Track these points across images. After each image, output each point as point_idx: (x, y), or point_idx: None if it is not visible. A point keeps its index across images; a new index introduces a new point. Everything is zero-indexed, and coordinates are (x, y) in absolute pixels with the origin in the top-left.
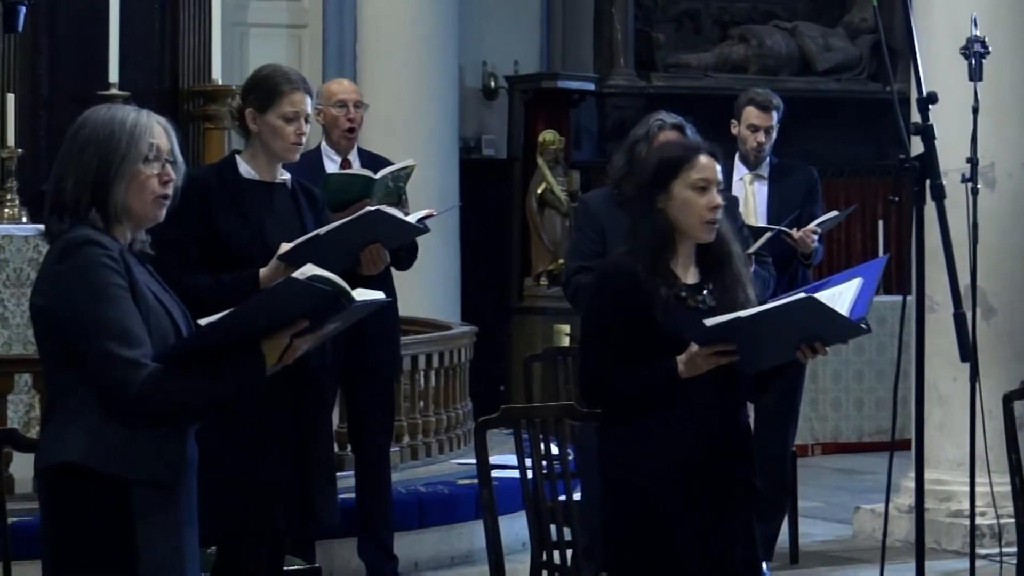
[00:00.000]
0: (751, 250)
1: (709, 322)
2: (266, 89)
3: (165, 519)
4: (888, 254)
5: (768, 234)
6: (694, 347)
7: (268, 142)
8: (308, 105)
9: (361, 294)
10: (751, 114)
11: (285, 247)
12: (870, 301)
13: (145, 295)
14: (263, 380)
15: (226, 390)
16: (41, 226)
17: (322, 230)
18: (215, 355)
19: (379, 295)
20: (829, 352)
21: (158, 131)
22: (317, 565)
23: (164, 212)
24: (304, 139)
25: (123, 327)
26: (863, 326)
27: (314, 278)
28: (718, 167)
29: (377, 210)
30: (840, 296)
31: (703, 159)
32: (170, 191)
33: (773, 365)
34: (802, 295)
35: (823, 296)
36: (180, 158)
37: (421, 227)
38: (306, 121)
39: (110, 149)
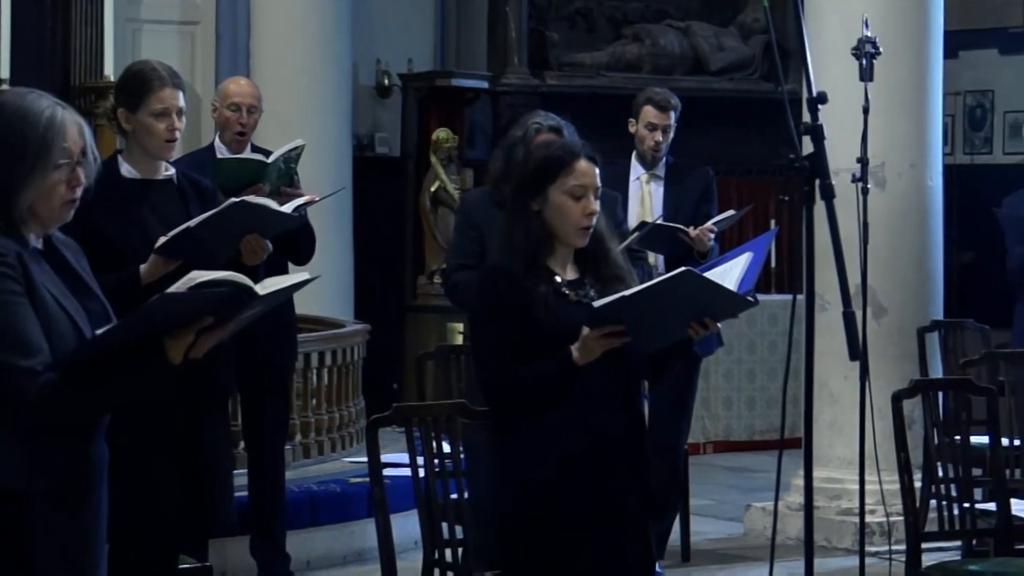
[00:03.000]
0: (622, 246)
1: (597, 303)
2: (135, 87)
3: (67, 530)
4: (777, 227)
5: (639, 233)
6: (586, 330)
7: (142, 141)
8: (180, 100)
9: (271, 284)
10: (649, 113)
11: (161, 241)
12: (758, 274)
13: (44, 299)
14: (172, 379)
15: (130, 394)
16: None
17: (192, 223)
18: (116, 359)
19: (302, 276)
20: (721, 351)
21: (72, 133)
22: (208, 563)
23: (72, 213)
24: (178, 135)
25: (17, 335)
26: (749, 299)
27: (206, 283)
28: (597, 171)
29: (242, 201)
30: (729, 272)
31: (582, 164)
32: (78, 194)
33: (667, 344)
34: (681, 269)
35: (714, 273)
36: (94, 155)
37: (295, 216)
38: (179, 116)
39: (17, 156)
